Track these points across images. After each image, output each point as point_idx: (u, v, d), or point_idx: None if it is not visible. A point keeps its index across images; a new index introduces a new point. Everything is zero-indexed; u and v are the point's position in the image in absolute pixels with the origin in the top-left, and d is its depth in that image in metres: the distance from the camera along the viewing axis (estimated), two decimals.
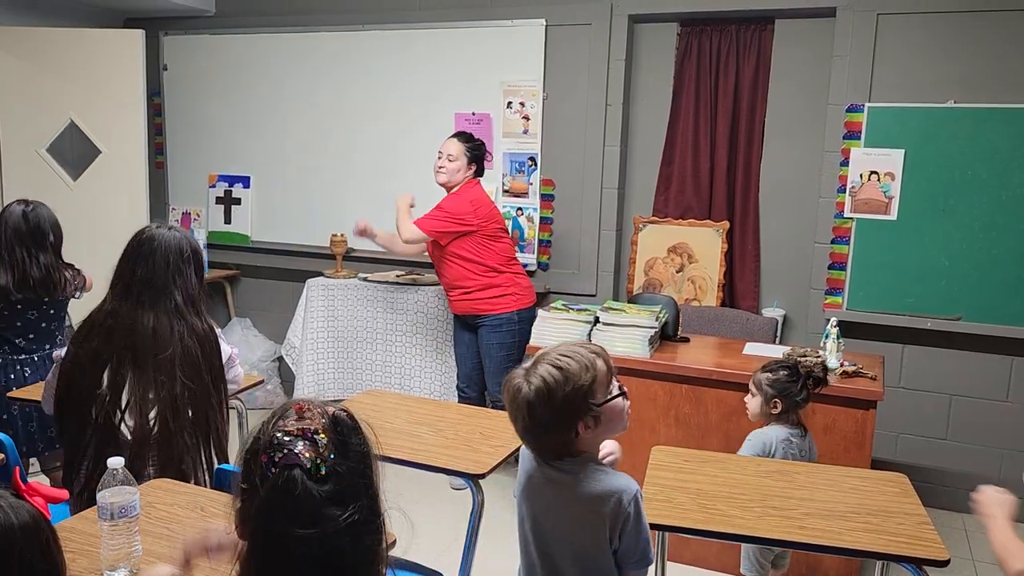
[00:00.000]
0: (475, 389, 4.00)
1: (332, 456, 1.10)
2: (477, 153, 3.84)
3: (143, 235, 2.19)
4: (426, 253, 3.96)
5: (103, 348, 2.10)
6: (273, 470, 1.09)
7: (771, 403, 2.73)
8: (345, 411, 1.17)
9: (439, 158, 3.82)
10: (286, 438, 1.10)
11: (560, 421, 1.66)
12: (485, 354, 3.85)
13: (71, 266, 3.19)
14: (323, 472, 1.08)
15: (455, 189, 3.82)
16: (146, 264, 2.14)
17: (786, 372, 2.73)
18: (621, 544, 1.70)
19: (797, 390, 2.71)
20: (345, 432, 1.14)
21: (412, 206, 3.89)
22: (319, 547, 1.08)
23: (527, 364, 1.72)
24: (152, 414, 2.10)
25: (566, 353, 1.69)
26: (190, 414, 2.14)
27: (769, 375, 2.75)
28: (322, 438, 1.10)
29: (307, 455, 1.08)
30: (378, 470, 1.19)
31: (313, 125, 4.87)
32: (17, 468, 1.82)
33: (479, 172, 3.88)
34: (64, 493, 1.44)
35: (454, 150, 3.79)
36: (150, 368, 2.09)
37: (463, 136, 3.86)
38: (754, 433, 2.75)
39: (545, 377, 1.65)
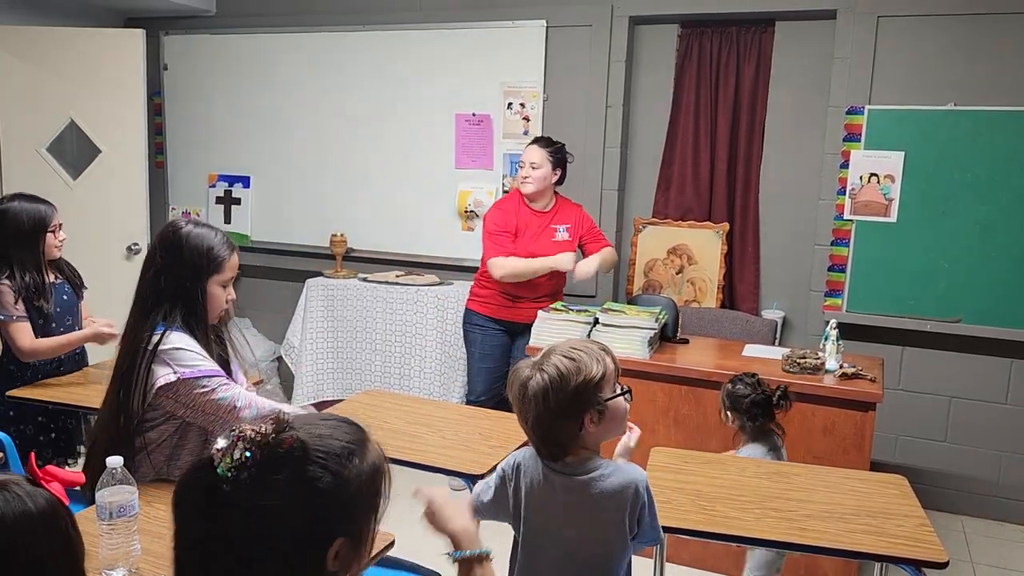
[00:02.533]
0: (490, 403, 3.95)
1: (240, 471, 0.99)
2: (560, 156, 3.72)
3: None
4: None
5: None
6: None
7: (726, 414, 2.72)
8: (304, 448, 1.02)
9: (522, 168, 3.70)
10: (231, 432, 1.03)
11: (570, 411, 1.67)
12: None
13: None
14: (228, 474, 0.99)
15: (552, 201, 3.78)
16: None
17: (742, 387, 2.69)
18: (640, 529, 1.74)
19: (745, 407, 2.66)
20: (270, 466, 1.00)
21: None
22: (191, 541, 1.03)
23: (535, 358, 1.74)
24: None
25: (577, 347, 1.71)
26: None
27: (728, 387, 2.73)
28: (245, 447, 1.00)
29: (219, 454, 1.01)
30: (336, 521, 1.03)
31: (313, 125, 4.87)
32: (32, 453, 1.81)
33: (563, 177, 3.78)
34: (80, 476, 1.42)
35: (536, 157, 3.67)
36: None
37: (542, 141, 3.74)
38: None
39: (559, 366, 1.67)
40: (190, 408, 2.03)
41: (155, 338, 2.02)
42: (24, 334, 2.84)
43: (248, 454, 1.00)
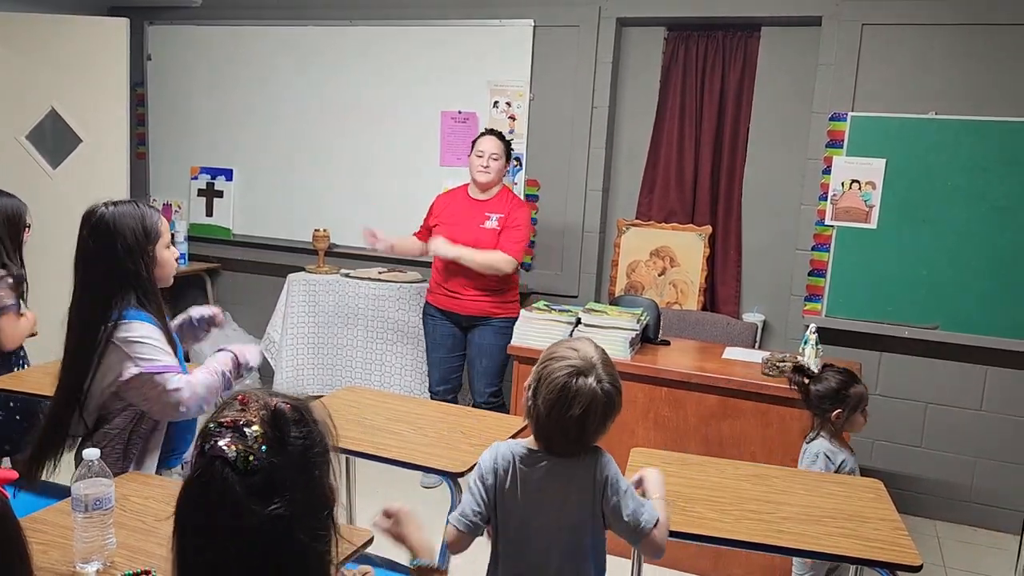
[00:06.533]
0: (451, 392, 3.99)
1: (263, 449, 1.05)
2: (510, 150, 3.88)
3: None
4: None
5: None
6: (200, 460, 1.06)
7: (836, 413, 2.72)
8: (290, 403, 1.12)
9: (481, 157, 3.75)
10: (216, 429, 1.06)
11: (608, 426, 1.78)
12: (483, 355, 3.82)
13: None
14: (250, 465, 1.04)
15: (496, 190, 3.83)
16: None
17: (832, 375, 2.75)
18: (620, 502, 1.78)
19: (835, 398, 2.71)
20: (283, 425, 1.08)
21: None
22: (240, 541, 1.04)
23: (570, 361, 1.72)
24: None
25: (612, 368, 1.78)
26: None
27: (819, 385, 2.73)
28: (254, 430, 1.06)
29: (233, 447, 1.04)
30: (330, 466, 1.14)
31: (298, 119, 4.84)
32: None
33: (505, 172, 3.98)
34: (13, 474, 1.41)
35: (497, 149, 3.77)
36: None
37: (498, 134, 3.84)
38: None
39: (613, 377, 1.74)
40: (145, 400, 2.07)
41: (114, 327, 2.03)
42: (14, 324, 2.88)
43: (256, 429, 1.06)
